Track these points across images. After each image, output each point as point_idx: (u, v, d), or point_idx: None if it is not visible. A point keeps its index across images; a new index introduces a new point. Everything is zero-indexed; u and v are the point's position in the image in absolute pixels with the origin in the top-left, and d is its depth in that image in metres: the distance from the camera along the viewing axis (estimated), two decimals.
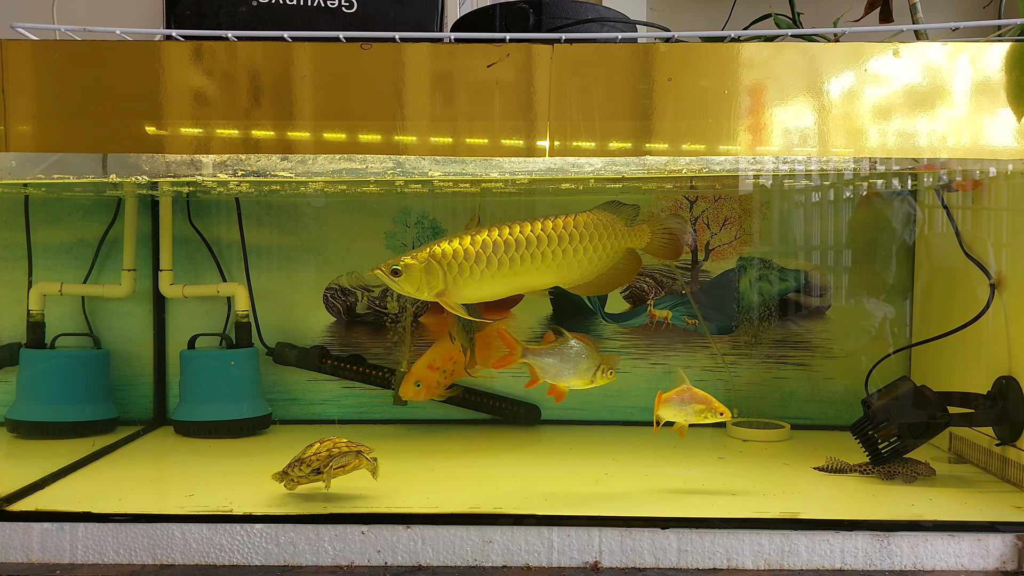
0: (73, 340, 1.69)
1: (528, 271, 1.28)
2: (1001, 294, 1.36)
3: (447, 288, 1.26)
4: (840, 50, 1.08)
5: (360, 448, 1.22)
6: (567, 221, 1.30)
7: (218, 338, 1.70)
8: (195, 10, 1.21)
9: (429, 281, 1.25)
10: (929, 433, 1.34)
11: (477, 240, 1.26)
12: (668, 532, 1.11)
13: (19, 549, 1.12)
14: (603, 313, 1.73)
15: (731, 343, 1.72)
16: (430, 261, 1.25)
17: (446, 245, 1.26)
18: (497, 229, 1.28)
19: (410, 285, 1.26)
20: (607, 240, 1.31)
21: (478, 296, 1.30)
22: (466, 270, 1.26)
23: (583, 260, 1.30)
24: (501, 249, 1.27)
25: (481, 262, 1.26)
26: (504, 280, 1.28)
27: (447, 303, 1.28)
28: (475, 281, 1.27)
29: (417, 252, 1.27)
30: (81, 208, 1.71)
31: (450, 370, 1.61)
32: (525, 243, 1.28)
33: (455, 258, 1.25)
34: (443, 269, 1.25)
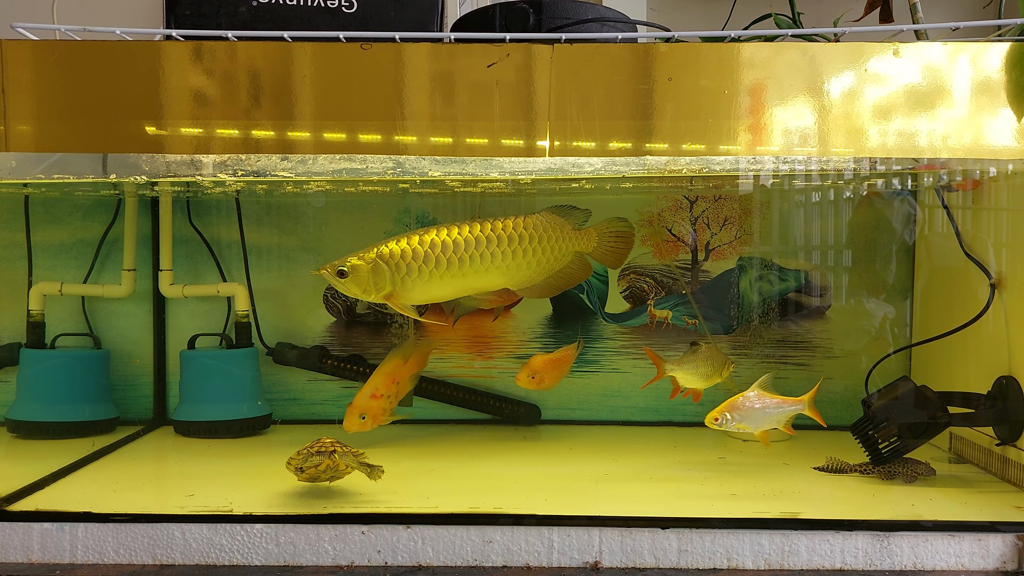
0: (73, 340, 1.69)
1: (477, 272, 1.27)
2: (1001, 294, 1.36)
3: (395, 289, 1.24)
4: (840, 50, 1.08)
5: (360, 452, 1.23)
6: (516, 222, 1.29)
7: (218, 338, 1.70)
8: (195, 10, 1.21)
9: (376, 282, 1.24)
10: (929, 433, 1.34)
11: (425, 240, 1.25)
12: (668, 532, 1.11)
13: (19, 549, 1.12)
14: (603, 313, 1.73)
15: (731, 343, 1.72)
16: (377, 262, 1.23)
17: (393, 245, 1.25)
18: (446, 229, 1.27)
19: (357, 286, 1.25)
20: (555, 242, 1.31)
21: (427, 297, 1.29)
22: (414, 271, 1.24)
23: (531, 262, 1.30)
24: (450, 249, 1.25)
25: (429, 262, 1.25)
26: (452, 281, 1.27)
27: (396, 304, 1.26)
28: (423, 282, 1.25)
29: (364, 252, 1.25)
30: (81, 208, 1.71)
31: (394, 393, 1.51)
32: (474, 243, 1.26)
33: (403, 259, 1.24)
34: (390, 270, 1.24)
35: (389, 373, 1.50)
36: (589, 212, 1.37)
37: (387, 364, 1.51)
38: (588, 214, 1.37)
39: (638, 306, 1.73)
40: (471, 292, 1.32)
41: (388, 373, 1.50)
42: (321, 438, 1.23)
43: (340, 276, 1.24)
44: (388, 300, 1.26)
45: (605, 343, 1.72)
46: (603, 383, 1.72)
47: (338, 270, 1.24)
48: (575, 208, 1.37)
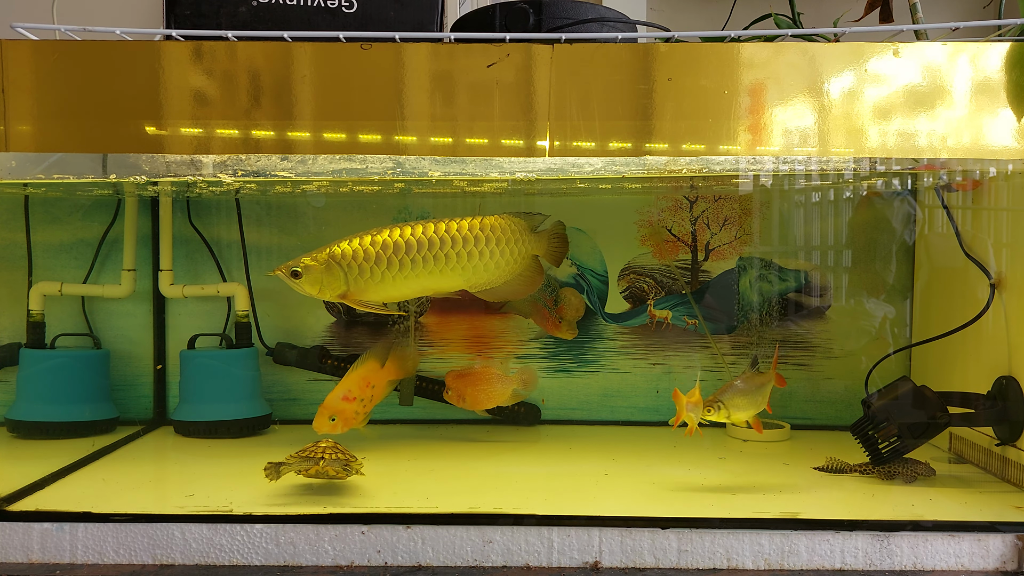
0: (73, 340, 1.69)
1: (432, 273, 1.26)
2: (1001, 294, 1.36)
3: (349, 289, 1.24)
4: (840, 50, 1.08)
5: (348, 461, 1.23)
6: (472, 223, 1.28)
7: (218, 338, 1.70)
8: (195, 10, 1.21)
9: (330, 282, 1.23)
10: (929, 433, 1.34)
11: (377, 241, 1.24)
12: (668, 532, 1.11)
13: (19, 549, 1.12)
14: (603, 313, 1.73)
15: (731, 343, 1.72)
16: (330, 262, 1.23)
17: (346, 245, 1.24)
18: (399, 229, 1.27)
19: (311, 286, 1.24)
20: (514, 245, 1.30)
21: (382, 297, 1.28)
22: (366, 271, 1.24)
23: (489, 264, 1.29)
24: (403, 250, 1.25)
25: (382, 263, 1.24)
26: (408, 282, 1.26)
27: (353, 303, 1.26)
28: (376, 282, 1.25)
29: (317, 253, 1.25)
30: (81, 208, 1.71)
31: (368, 396, 1.48)
32: (428, 244, 1.26)
33: (355, 259, 1.23)
34: (343, 270, 1.23)
35: (363, 376, 1.48)
36: (543, 216, 1.37)
37: (361, 366, 1.49)
38: (544, 218, 1.37)
39: (638, 306, 1.73)
40: (428, 293, 1.31)
41: (362, 376, 1.48)
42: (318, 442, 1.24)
43: (294, 277, 1.23)
44: (343, 299, 1.26)
45: (605, 343, 1.72)
46: (603, 383, 1.72)
47: (292, 271, 1.24)
48: (534, 213, 1.37)
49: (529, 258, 1.33)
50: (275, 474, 1.21)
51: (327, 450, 1.23)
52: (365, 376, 1.48)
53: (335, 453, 1.23)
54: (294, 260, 1.26)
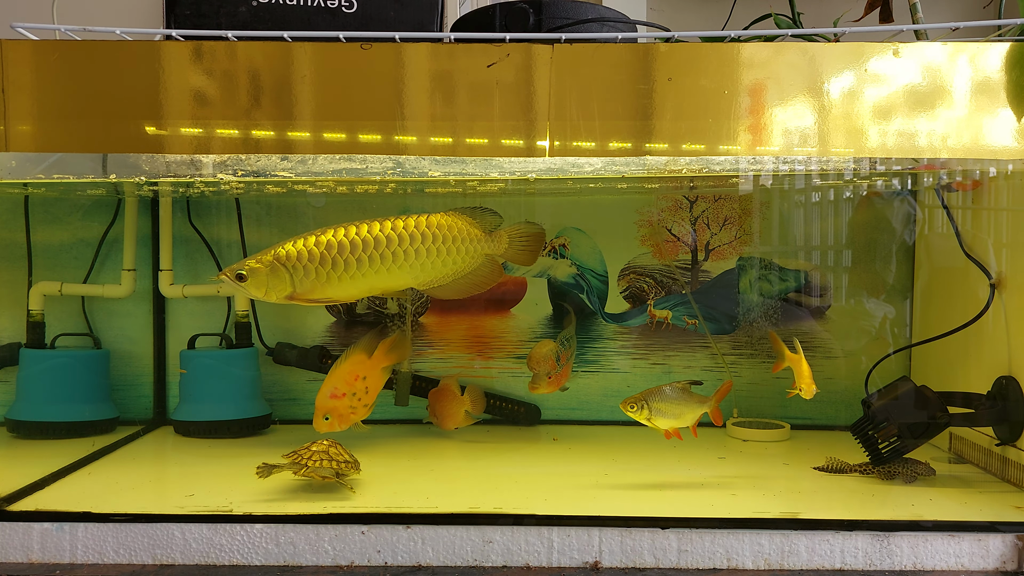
0: (73, 340, 1.69)
1: (380, 272, 1.25)
2: (1001, 294, 1.36)
3: (296, 290, 1.23)
4: (840, 50, 1.08)
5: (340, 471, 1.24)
6: (419, 221, 1.27)
7: (218, 338, 1.70)
8: (195, 10, 1.21)
9: (275, 284, 1.22)
10: (929, 433, 1.34)
11: (323, 241, 1.23)
12: (668, 532, 1.11)
13: (19, 549, 1.12)
14: (603, 313, 1.73)
15: (731, 343, 1.72)
16: (275, 264, 1.21)
17: (290, 246, 1.23)
18: (344, 229, 1.25)
19: (256, 289, 1.23)
20: (461, 243, 1.30)
21: (330, 298, 1.27)
22: (312, 272, 1.23)
23: (436, 262, 1.28)
24: (347, 249, 1.24)
25: (327, 263, 1.23)
26: (355, 281, 1.25)
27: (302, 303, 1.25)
28: (323, 283, 1.24)
29: (262, 255, 1.24)
30: (81, 208, 1.71)
31: (361, 389, 1.44)
32: (374, 243, 1.25)
33: (299, 260, 1.22)
34: (289, 271, 1.22)
35: (348, 370, 1.45)
36: (499, 216, 1.36)
37: (345, 361, 1.46)
38: (499, 218, 1.36)
39: (638, 306, 1.73)
40: (376, 292, 1.30)
41: (347, 370, 1.45)
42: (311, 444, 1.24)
43: (239, 280, 1.22)
44: (290, 301, 1.24)
45: (605, 343, 1.73)
46: (603, 383, 1.72)
47: (237, 274, 1.22)
48: (487, 210, 1.35)
49: (481, 257, 1.32)
50: (266, 472, 1.22)
51: (317, 454, 1.23)
52: (350, 370, 1.45)
53: (323, 459, 1.23)
54: (238, 263, 1.24)
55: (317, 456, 1.22)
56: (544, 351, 1.50)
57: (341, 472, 1.24)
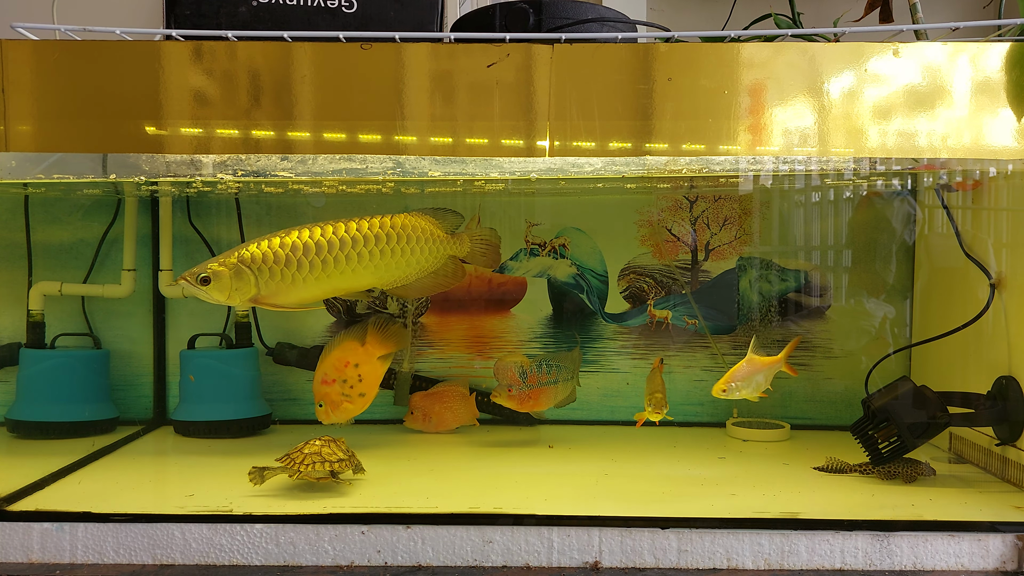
0: (73, 340, 1.69)
1: (344, 272, 1.25)
2: (1001, 294, 1.36)
3: (260, 293, 1.22)
4: (840, 50, 1.08)
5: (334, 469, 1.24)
6: (383, 221, 1.27)
7: (218, 338, 1.70)
8: (195, 10, 1.21)
9: (240, 287, 1.21)
10: (929, 433, 1.34)
11: (287, 243, 1.22)
12: (668, 532, 1.11)
13: (19, 549, 1.12)
14: (603, 313, 1.73)
15: (731, 343, 1.72)
16: (239, 266, 1.20)
17: (254, 248, 1.22)
18: (308, 230, 1.25)
19: (220, 293, 1.21)
20: (424, 244, 1.30)
21: (293, 300, 1.26)
22: (277, 274, 1.22)
23: (400, 262, 1.28)
24: (312, 251, 1.23)
25: (292, 265, 1.22)
26: (319, 283, 1.25)
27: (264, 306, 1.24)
28: (288, 284, 1.23)
29: (225, 257, 1.22)
30: (81, 208, 1.71)
31: (353, 376, 1.44)
32: (339, 244, 1.24)
33: (265, 262, 1.21)
34: (254, 274, 1.21)
35: (338, 356, 1.45)
36: (461, 217, 1.36)
37: (336, 348, 1.46)
38: (461, 219, 1.37)
39: (638, 306, 1.73)
40: (339, 293, 1.30)
41: (337, 357, 1.45)
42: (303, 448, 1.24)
43: (203, 284, 1.20)
44: (254, 303, 1.23)
45: (605, 343, 1.72)
46: (603, 383, 1.72)
47: (200, 277, 1.20)
48: (449, 211, 1.36)
49: (444, 258, 1.32)
50: (259, 479, 1.22)
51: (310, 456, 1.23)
52: (340, 356, 1.45)
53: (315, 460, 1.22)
54: (199, 266, 1.22)
55: (310, 459, 1.22)
56: (507, 361, 1.51)
57: (336, 471, 1.24)
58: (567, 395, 1.57)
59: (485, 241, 1.39)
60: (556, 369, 1.54)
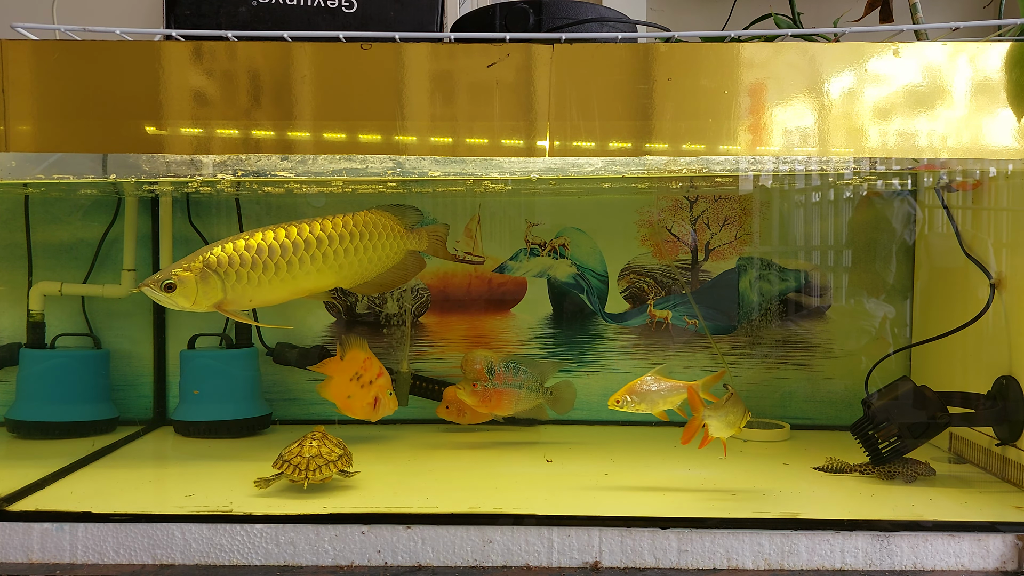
0: (73, 340, 1.69)
1: (310, 273, 1.24)
2: (1001, 294, 1.36)
3: (226, 297, 1.20)
4: (840, 50, 1.08)
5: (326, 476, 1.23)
6: (346, 220, 1.27)
7: (218, 338, 1.70)
8: (195, 10, 1.21)
9: (206, 292, 1.19)
10: (929, 433, 1.34)
11: (252, 244, 1.21)
12: (668, 532, 1.11)
13: (19, 549, 1.12)
14: (603, 313, 1.73)
15: (731, 343, 1.72)
16: (205, 270, 1.18)
17: (219, 252, 1.20)
18: (272, 231, 1.23)
19: (186, 299, 1.19)
20: (386, 240, 1.29)
21: (257, 303, 1.24)
22: (244, 276, 1.20)
23: (363, 259, 1.27)
24: (278, 252, 1.21)
25: (258, 267, 1.20)
26: (284, 284, 1.23)
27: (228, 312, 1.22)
28: (254, 287, 1.21)
29: (189, 262, 1.20)
30: (81, 208, 1.71)
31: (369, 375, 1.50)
32: (304, 245, 1.23)
33: (231, 265, 1.19)
34: (220, 277, 1.19)
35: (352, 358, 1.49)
36: (420, 212, 1.37)
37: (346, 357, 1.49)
38: (420, 214, 1.37)
39: (638, 306, 1.73)
40: (303, 294, 1.28)
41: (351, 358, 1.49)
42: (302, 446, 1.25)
43: (168, 290, 1.18)
44: (217, 308, 1.21)
45: (605, 343, 1.72)
46: (603, 383, 1.72)
47: (164, 284, 1.18)
48: (408, 207, 1.36)
49: (403, 252, 1.32)
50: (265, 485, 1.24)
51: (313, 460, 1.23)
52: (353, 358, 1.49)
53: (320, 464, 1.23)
54: (162, 272, 1.20)
55: (314, 463, 1.22)
56: (476, 354, 1.50)
57: (344, 469, 1.25)
58: (532, 406, 1.55)
59: (439, 237, 1.40)
60: (524, 375, 1.53)
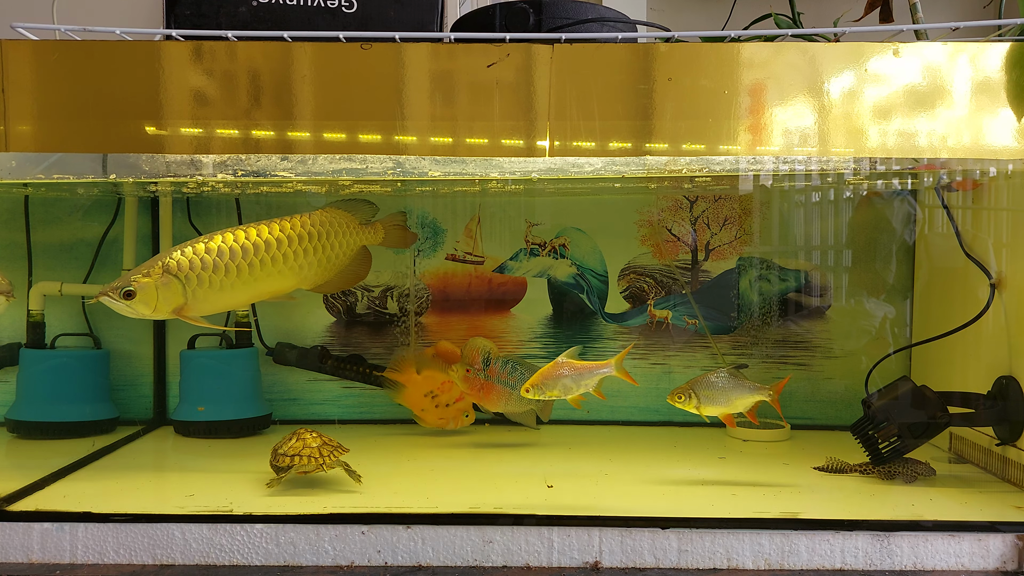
0: (73, 340, 1.69)
1: (271, 275, 1.22)
2: (1001, 294, 1.36)
3: (187, 302, 1.17)
4: (840, 50, 1.08)
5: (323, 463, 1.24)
6: (303, 220, 1.25)
7: (218, 338, 1.70)
8: (195, 10, 1.21)
9: (167, 297, 1.16)
10: (929, 433, 1.34)
11: (212, 247, 1.18)
12: (668, 532, 1.11)
13: (19, 549, 1.12)
14: (603, 313, 1.73)
15: (731, 343, 1.72)
16: (166, 275, 1.15)
17: (179, 256, 1.17)
18: (232, 233, 1.22)
19: (146, 306, 1.16)
20: (343, 237, 1.28)
21: (218, 308, 1.22)
22: (205, 281, 1.17)
23: (322, 259, 1.26)
24: (239, 255, 1.19)
25: (220, 271, 1.18)
26: (246, 287, 1.21)
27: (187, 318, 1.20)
28: (215, 291, 1.18)
29: (149, 267, 1.16)
30: (81, 208, 1.71)
31: (446, 398, 1.60)
32: (264, 246, 1.21)
33: (192, 269, 1.17)
34: (181, 282, 1.16)
35: (427, 378, 1.59)
36: (375, 207, 1.35)
37: (423, 374, 1.58)
38: (375, 209, 1.35)
39: (638, 306, 1.73)
40: (263, 297, 1.26)
41: (426, 378, 1.59)
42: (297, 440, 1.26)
43: (127, 297, 1.15)
44: (177, 315, 1.18)
45: (605, 343, 1.72)
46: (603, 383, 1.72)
47: (124, 291, 1.15)
48: (363, 202, 1.34)
49: (357, 249, 1.32)
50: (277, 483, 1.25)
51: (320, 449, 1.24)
52: (428, 379, 1.59)
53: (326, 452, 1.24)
54: (121, 280, 1.17)
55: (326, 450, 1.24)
56: (477, 343, 1.51)
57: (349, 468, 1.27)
58: (521, 410, 1.55)
59: (396, 225, 1.38)
60: (519, 376, 1.52)
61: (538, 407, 1.57)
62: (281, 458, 1.24)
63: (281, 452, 1.25)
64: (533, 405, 1.55)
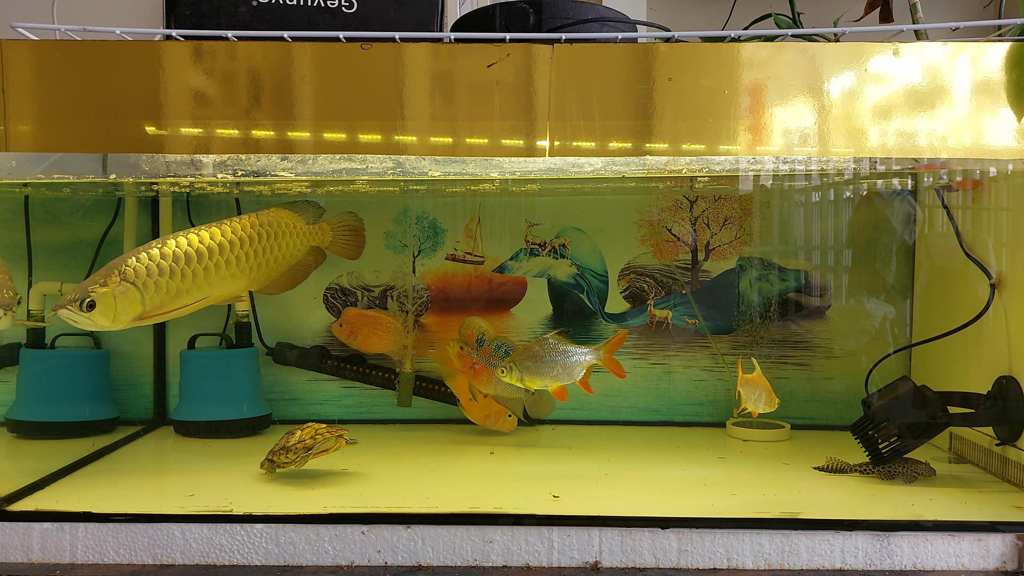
0: (73, 340, 1.69)
1: (224, 278, 1.20)
2: (1001, 294, 1.36)
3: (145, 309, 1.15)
4: (840, 50, 1.08)
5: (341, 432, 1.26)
6: (252, 221, 1.25)
7: (218, 338, 1.70)
8: (195, 10, 1.21)
9: (125, 307, 1.13)
10: (929, 433, 1.34)
11: (167, 252, 1.16)
12: (668, 532, 1.11)
13: (19, 549, 1.12)
14: (603, 313, 1.73)
15: (731, 343, 1.72)
16: (124, 284, 1.13)
17: (134, 262, 1.14)
18: (184, 237, 1.20)
19: (106, 318, 1.12)
20: (290, 238, 1.27)
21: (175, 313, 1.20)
22: (163, 287, 1.15)
23: (271, 260, 1.25)
24: (194, 259, 1.17)
25: (176, 276, 1.16)
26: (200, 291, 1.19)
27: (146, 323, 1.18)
28: (172, 297, 1.16)
29: (106, 276, 1.13)
30: (81, 208, 1.71)
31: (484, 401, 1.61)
32: (218, 249, 1.19)
33: (149, 275, 1.14)
34: (140, 290, 1.13)
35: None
36: (322, 208, 1.35)
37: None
38: (322, 210, 1.35)
39: (638, 306, 1.73)
40: (215, 301, 1.24)
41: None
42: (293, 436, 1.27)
43: (89, 309, 1.11)
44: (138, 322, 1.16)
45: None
46: (603, 383, 1.72)
47: (86, 303, 1.11)
48: (309, 203, 1.35)
49: (306, 249, 1.31)
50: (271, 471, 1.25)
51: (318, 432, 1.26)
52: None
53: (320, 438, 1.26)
54: (78, 291, 1.13)
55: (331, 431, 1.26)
56: (474, 322, 1.53)
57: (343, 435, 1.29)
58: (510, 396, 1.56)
59: (347, 227, 1.37)
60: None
61: (528, 399, 1.57)
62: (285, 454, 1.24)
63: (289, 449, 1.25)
64: (520, 394, 1.55)
